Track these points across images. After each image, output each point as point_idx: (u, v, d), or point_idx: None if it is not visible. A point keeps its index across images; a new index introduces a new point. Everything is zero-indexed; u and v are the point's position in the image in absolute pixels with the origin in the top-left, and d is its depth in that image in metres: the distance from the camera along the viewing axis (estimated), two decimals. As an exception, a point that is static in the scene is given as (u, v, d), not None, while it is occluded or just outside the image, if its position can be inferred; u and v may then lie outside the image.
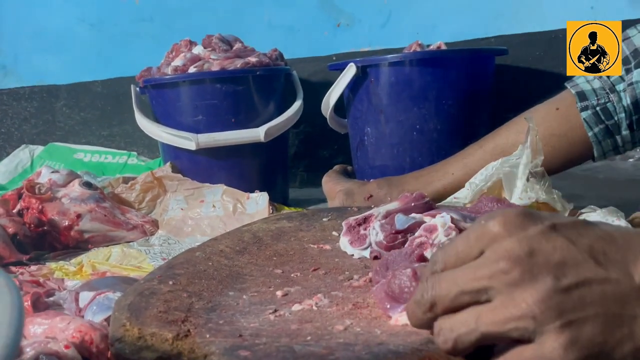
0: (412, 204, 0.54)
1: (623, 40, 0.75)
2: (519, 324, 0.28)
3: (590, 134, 0.76)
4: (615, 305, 0.27)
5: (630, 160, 1.21)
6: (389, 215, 0.53)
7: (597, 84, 0.76)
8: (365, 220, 0.55)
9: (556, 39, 1.18)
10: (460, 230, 0.47)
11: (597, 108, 0.75)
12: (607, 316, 0.27)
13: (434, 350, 0.34)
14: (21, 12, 1.70)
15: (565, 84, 0.80)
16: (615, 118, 0.75)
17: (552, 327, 0.27)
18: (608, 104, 0.75)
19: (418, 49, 1.14)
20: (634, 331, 0.27)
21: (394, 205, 0.55)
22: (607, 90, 0.75)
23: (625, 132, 0.75)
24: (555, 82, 1.18)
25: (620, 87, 0.75)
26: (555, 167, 0.78)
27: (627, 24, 0.85)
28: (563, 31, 0.77)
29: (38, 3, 1.68)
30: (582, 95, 0.77)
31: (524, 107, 0.90)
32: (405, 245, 0.49)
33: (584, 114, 0.76)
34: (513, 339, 0.28)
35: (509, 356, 0.29)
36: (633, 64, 0.74)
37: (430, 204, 0.56)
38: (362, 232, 0.54)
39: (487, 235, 0.30)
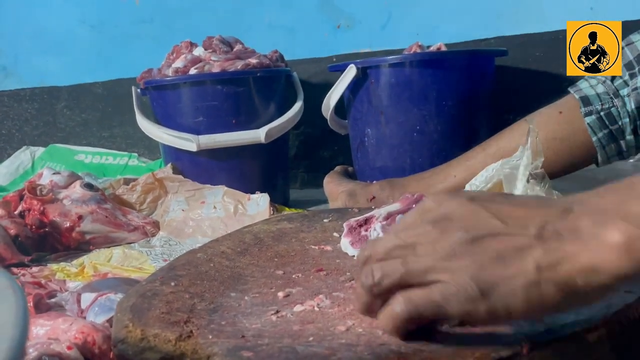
0: (413, 205, 0.54)
1: (627, 45, 0.75)
2: (437, 264, 0.34)
3: (594, 139, 0.76)
4: (511, 251, 0.33)
5: (631, 160, 1.21)
6: (390, 216, 0.53)
7: (600, 89, 0.76)
8: (367, 221, 0.55)
9: (556, 40, 1.19)
10: None
11: (602, 113, 0.75)
12: (505, 258, 0.33)
13: (436, 350, 0.34)
14: (22, 14, 1.71)
15: (569, 88, 0.80)
16: (620, 123, 0.75)
17: (461, 266, 0.33)
18: (612, 108, 0.75)
19: (418, 50, 1.14)
20: (525, 269, 0.32)
21: (395, 206, 0.55)
22: (611, 95, 0.75)
23: (629, 137, 0.76)
24: (556, 83, 1.18)
25: (624, 92, 0.75)
26: (557, 171, 0.78)
27: (627, 25, 0.85)
28: (563, 32, 0.77)
29: (38, 4, 1.68)
30: (586, 100, 0.76)
31: (524, 108, 0.90)
32: None
33: (588, 119, 0.76)
34: (429, 281, 0.34)
35: (421, 291, 0.34)
36: (637, 68, 0.74)
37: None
38: (363, 233, 0.55)
39: (421, 208, 0.38)
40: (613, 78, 0.76)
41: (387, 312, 0.35)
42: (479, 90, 1.06)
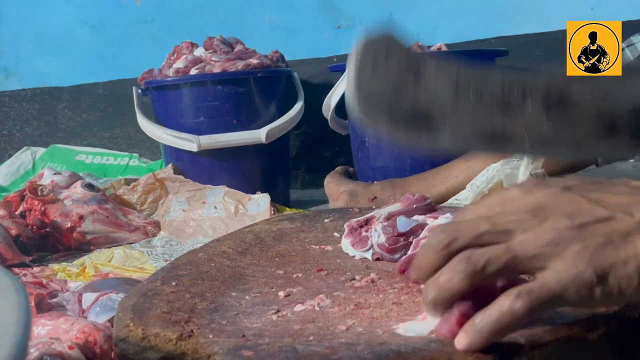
0: (414, 206, 0.54)
1: (627, 47, 0.75)
2: (545, 250, 0.33)
3: None
4: (620, 236, 0.33)
5: (631, 161, 1.21)
6: (391, 217, 0.53)
7: None
8: (367, 222, 0.55)
9: (556, 40, 1.19)
10: None
11: None
12: (614, 243, 0.33)
13: (436, 350, 0.34)
14: (22, 15, 1.71)
15: None
16: None
17: (573, 251, 0.33)
18: None
19: (419, 50, 1.14)
20: (637, 253, 0.32)
21: (396, 207, 0.55)
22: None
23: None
24: (556, 83, 1.18)
25: None
26: (557, 172, 0.78)
27: (627, 25, 0.85)
28: (563, 32, 0.77)
29: (39, 5, 1.68)
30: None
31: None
32: (411, 247, 0.49)
33: None
34: (536, 267, 0.33)
35: (536, 282, 0.33)
36: None
37: (432, 206, 0.56)
38: (363, 234, 0.55)
39: (507, 198, 0.36)
40: None
41: (503, 309, 0.32)
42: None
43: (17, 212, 0.93)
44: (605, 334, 0.36)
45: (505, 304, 0.32)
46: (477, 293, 0.34)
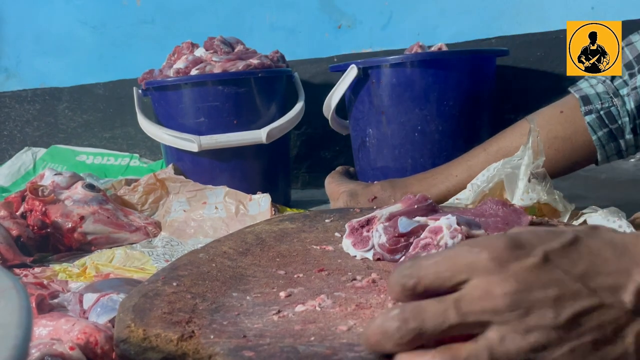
0: (415, 206, 0.54)
1: (626, 46, 0.75)
2: (532, 356, 0.29)
3: (594, 137, 0.76)
4: (609, 329, 0.29)
5: (632, 160, 1.21)
6: (392, 217, 0.53)
7: (600, 89, 0.76)
8: (368, 222, 0.55)
9: (557, 40, 1.19)
10: (466, 236, 0.47)
11: (601, 112, 0.76)
12: (604, 340, 0.29)
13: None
14: (23, 15, 1.71)
15: (569, 88, 0.80)
16: (619, 122, 0.75)
17: (561, 356, 0.29)
18: (612, 108, 0.75)
19: (419, 50, 1.14)
20: (626, 350, 0.29)
21: (397, 207, 0.55)
22: (611, 95, 0.76)
23: (628, 136, 0.76)
24: (557, 82, 1.18)
25: (624, 91, 0.75)
26: (558, 171, 0.78)
27: (627, 24, 0.85)
28: (564, 32, 0.77)
29: (40, 6, 1.68)
30: (586, 99, 0.77)
31: (525, 107, 0.91)
32: (411, 248, 0.49)
33: (587, 118, 0.76)
34: None
35: None
36: (637, 68, 0.74)
37: (433, 206, 0.56)
38: (365, 234, 0.55)
39: (476, 265, 0.31)
40: (613, 78, 0.76)
41: None
42: (480, 90, 1.06)
43: (18, 213, 0.93)
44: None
45: None
46: None
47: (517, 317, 0.29)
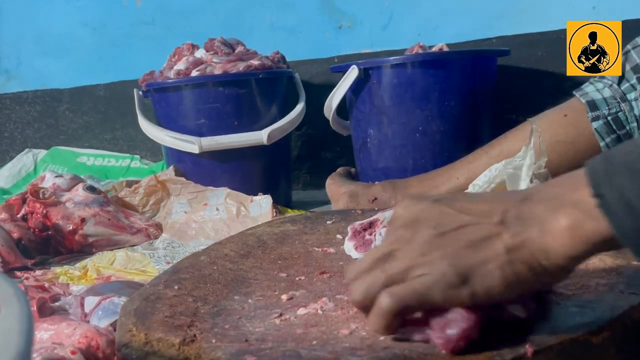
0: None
1: (634, 48, 0.74)
2: (414, 262, 0.36)
3: (602, 144, 0.75)
4: (481, 238, 0.36)
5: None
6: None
7: (607, 93, 0.75)
8: (371, 225, 0.55)
9: (558, 40, 1.18)
10: None
11: (609, 118, 0.75)
12: (476, 245, 0.36)
13: (440, 354, 0.34)
14: (24, 17, 1.71)
15: (574, 92, 0.79)
16: (627, 127, 0.74)
17: (437, 256, 0.36)
18: (619, 113, 0.74)
19: (420, 51, 1.14)
20: (496, 252, 0.35)
21: (399, 209, 0.55)
22: (618, 100, 0.74)
23: None
24: (557, 82, 1.18)
25: (631, 96, 0.74)
26: (561, 174, 0.78)
27: (628, 24, 0.85)
28: (565, 31, 0.77)
29: (40, 7, 1.68)
30: (592, 105, 0.76)
31: (526, 107, 0.90)
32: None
33: (595, 124, 0.75)
34: (410, 279, 0.36)
35: (405, 284, 0.36)
36: None
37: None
38: (367, 237, 0.54)
39: (393, 217, 0.41)
40: (620, 81, 0.75)
41: (374, 311, 0.36)
42: (481, 91, 1.06)
43: (19, 215, 0.93)
44: (610, 338, 0.36)
45: (374, 307, 0.36)
46: None
47: (407, 239, 0.38)
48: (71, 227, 0.92)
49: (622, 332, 0.36)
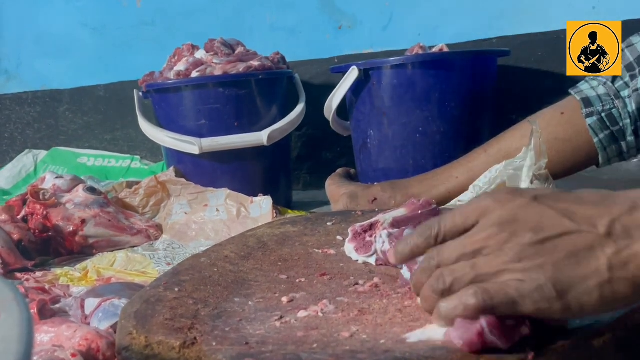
0: (419, 211, 0.54)
1: (627, 47, 0.75)
2: (508, 266, 0.34)
3: (595, 140, 0.76)
4: (583, 250, 0.34)
5: (634, 161, 1.20)
6: (395, 222, 0.53)
7: (601, 90, 0.76)
8: (371, 227, 0.55)
9: (558, 40, 1.18)
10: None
11: (603, 114, 0.75)
12: (578, 257, 0.34)
13: (441, 357, 0.34)
14: (24, 17, 1.71)
15: (570, 90, 0.80)
16: (621, 124, 0.75)
17: (536, 265, 0.34)
18: (613, 110, 0.75)
19: (420, 51, 1.14)
20: (598, 269, 0.33)
21: (400, 212, 0.55)
22: (612, 97, 0.75)
23: (630, 138, 0.75)
24: (558, 82, 1.18)
25: (625, 93, 0.75)
26: (559, 172, 0.78)
27: (628, 24, 0.85)
28: (565, 32, 0.77)
29: (40, 8, 1.68)
30: (587, 102, 0.76)
31: (527, 108, 0.90)
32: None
33: (589, 120, 0.76)
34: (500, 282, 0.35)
35: (497, 283, 0.34)
36: (638, 70, 0.74)
37: (437, 211, 0.55)
38: (367, 239, 0.54)
39: (481, 209, 0.37)
40: (614, 79, 0.76)
41: (457, 301, 0.35)
42: (482, 91, 1.06)
43: (19, 217, 0.93)
44: (611, 340, 0.36)
45: (461, 297, 0.35)
46: None
47: (503, 240, 0.35)
48: (71, 229, 0.92)
49: (623, 335, 0.36)
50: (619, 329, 0.36)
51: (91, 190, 0.99)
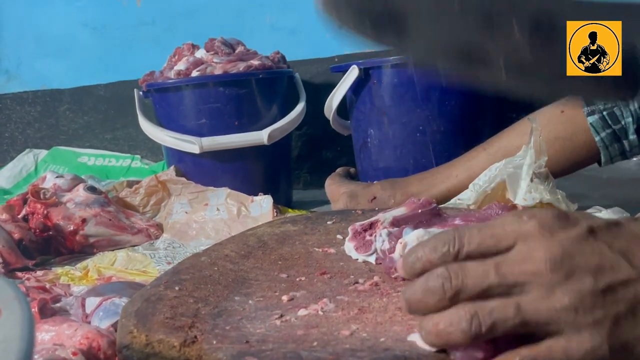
0: (419, 210, 0.54)
1: None
2: (563, 317, 0.29)
3: (597, 138, 0.76)
4: None
5: (635, 159, 1.20)
6: (395, 222, 0.53)
7: None
8: (371, 226, 0.55)
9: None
10: None
11: (604, 112, 0.75)
12: (636, 311, 0.30)
13: (441, 357, 0.34)
14: (24, 17, 1.71)
15: None
16: (622, 122, 0.75)
17: (590, 321, 0.29)
18: (615, 108, 0.75)
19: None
20: None
21: (400, 211, 0.55)
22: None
23: (632, 136, 0.75)
24: (558, 81, 1.18)
25: None
26: (559, 170, 0.78)
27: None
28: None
29: (41, 8, 1.68)
30: (588, 100, 0.76)
31: (528, 106, 0.90)
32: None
33: (590, 119, 0.76)
34: (547, 331, 0.30)
35: (542, 347, 0.30)
36: None
37: (437, 210, 0.55)
38: (367, 238, 0.54)
39: (523, 232, 0.31)
40: None
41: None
42: (482, 90, 1.06)
43: (19, 216, 0.93)
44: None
45: (472, 322, 0.30)
46: None
47: (555, 280, 0.30)
48: (72, 228, 0.92)
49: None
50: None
51: (92, 189, 0.99)
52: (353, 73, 1.05)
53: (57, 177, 1.02)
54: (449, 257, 0.33)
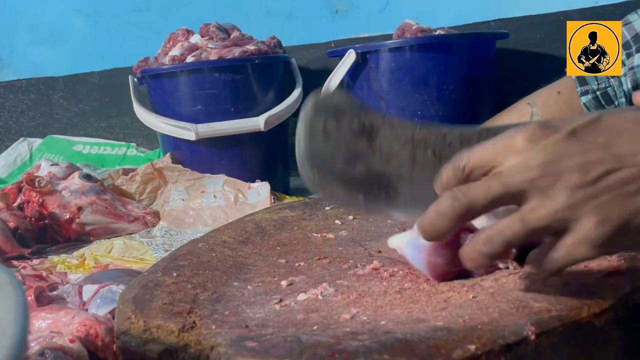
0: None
1: (624, 25, 0.75)
2: (561, 215, 0.33)
3: None
4: (631, 184, 0.33)
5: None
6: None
7: None
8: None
9: (557, 22, 1.17)
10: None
11: (598, 92, 0.75)
12: (627, 194, 0.33)
13: (442, 338, 0.34)
14: (17, 4, 1.69)
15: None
16: (616, 103, 0.75)
17: (585, 211, 0.33)
18: (608, 88, 0.75)
19: (418, 34, 1.13)
20: None
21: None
22: (608, 75, 0.75)
23: None
24: (557, 65, 1.17)
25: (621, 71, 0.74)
26: None
27: (629, 6, 0.84)
28: (564, 13, 0.76)
29: (33, -6, 1.66)
30: (582, 80, 0.76)
31: (526, 90, 0.89)
32: None
33: (584, 99, 0.76)
34: (554, 230, 0.34)
35: (554, 248, 0.34)
36: (634, 48, 0.73)
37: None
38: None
39: (513, 146, 0.35)
40: None
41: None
42: (480, 74, 1.05)
43: (15, 205, 0.92)
44: (613, 320, 0.35)
45: (487, 243, 0.35)
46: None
47: (547, 184, 0.33)
48: (68, 216, 0.91)
49: (625, 314, 0.36)
50: (621, 308, 0.36)
51: (87, 177, 0.98)
52: (350, 58, 1.04)
53: (52, 165, 1.02)
54: (459, 172, 0.36)
